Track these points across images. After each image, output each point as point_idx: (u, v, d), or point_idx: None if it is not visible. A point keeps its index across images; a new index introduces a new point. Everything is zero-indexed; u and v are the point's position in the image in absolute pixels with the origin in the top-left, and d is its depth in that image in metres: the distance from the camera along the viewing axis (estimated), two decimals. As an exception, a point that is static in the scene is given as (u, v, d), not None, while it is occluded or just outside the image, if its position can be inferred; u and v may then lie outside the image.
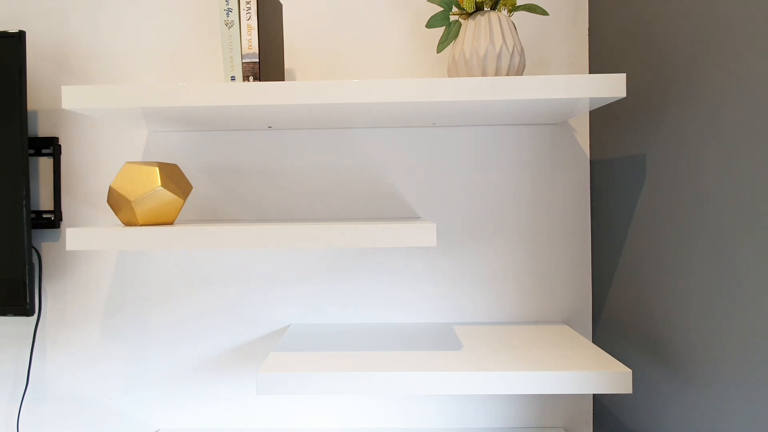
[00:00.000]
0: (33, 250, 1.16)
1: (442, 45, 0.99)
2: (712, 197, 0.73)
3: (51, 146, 1.15)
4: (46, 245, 1.17)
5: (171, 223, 0.97)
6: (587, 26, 1.14)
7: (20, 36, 1.04)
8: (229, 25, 0.96)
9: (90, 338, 1.17)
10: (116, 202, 0.93)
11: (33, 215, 1.16)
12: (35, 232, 1.17)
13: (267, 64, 0.98)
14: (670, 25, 0.83)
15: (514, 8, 0.96)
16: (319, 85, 0.87)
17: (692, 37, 0.77)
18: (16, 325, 1.18)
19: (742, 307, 0.67)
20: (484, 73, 0.92)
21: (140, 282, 1.17)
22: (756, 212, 0.64)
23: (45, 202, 1.17)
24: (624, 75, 0.85)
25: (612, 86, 0.85)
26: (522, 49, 0.94)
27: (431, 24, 0.97)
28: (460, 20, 1.00)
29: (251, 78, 0.96)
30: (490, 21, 0.91)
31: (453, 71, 0.96)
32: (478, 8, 0.94)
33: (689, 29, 0.78)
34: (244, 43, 0.96)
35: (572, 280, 1.15)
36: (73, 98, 0.89)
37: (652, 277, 0.89)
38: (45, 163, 1.17)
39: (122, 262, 1.17)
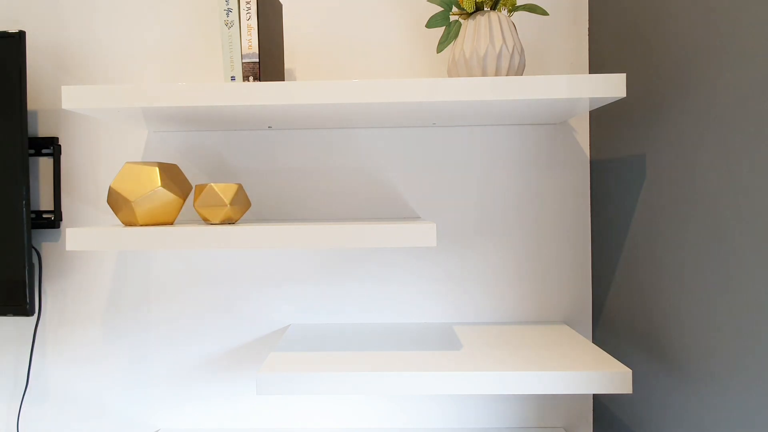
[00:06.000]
0: (33, 250, 1.16)
1: (442, 45, 0.99)
2: (711, 197, 0.73)
3: (51, 146, 1.15)
4: (46, 245, 1.17)
5: (171, 223, 0.97)
6: (587, 26, 1.14)
7: (20, 36, 1.04)
8: (229, 25, 0.96)
9: (90, 338, 1.17)
10: (116, 202, 0.93)
11: (33, 215, 1.16)
12: (35, 232, 1.17)
13: (267, 64, 0.98)
14: (670, 26, 0.83)
15: (514, 8, 0.96)
16: (319, 85, 0.87)
17: (692, 37, 0.77)
18: (16, 325, 1.18)
19: (741, 307, 0.67)
20: (484, 73, 0.92)
21: (140, 282, 1.17)
22: (755, 212, 0.64)
23: (45, 202, 1.17)
24: (624, 75, 0.85)
25: (612, 86, 0.85)
26: (522, 49, 0.94)
27: (431, 24, 0.97)
28: (460, 20, 1.00)
29: (251, 78, 0.96)
30: (490, 21, 0.92)
31: (453, 71, 0.96)
32: (478, 8, 0.94)
33: (689, 29, 0.78)
34: (244, 43, 0.96)
35: (572, 280, 1.15)
36: (73, 98, 0.89)
37: (652, 277, 0.89)
38: (45, 163, 1.17)
39: (122, 262, 1.17)
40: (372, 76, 1.15)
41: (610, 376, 0.83)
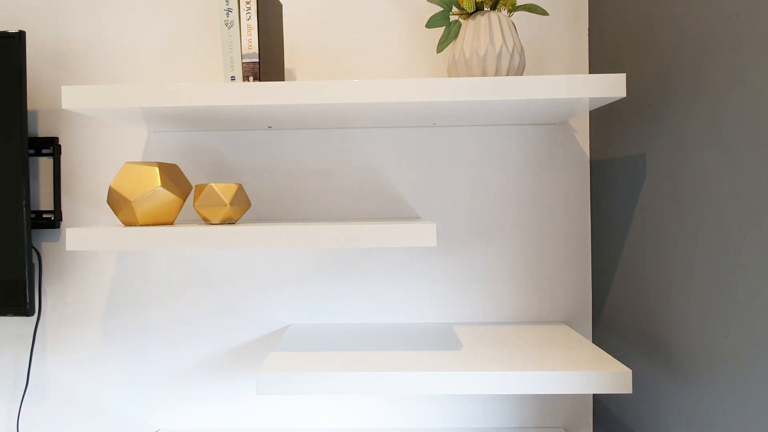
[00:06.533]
0: (33, 250, 1.16)
1: (442, 45, 0.99)
2: (711, 197, 0.73)
3: (51, 146, 1.15)
4: (46, 245, 1.17)
5: (171, 223, 0.97)
6: (587, 26, 1.14)
7: (20, 36, 1.04)
8: (229, 25, 0.96)
9: (90, 338, 1.17)
10: (116, 202, 0.93)
11: (33, 215, 1.16)
12: (35, 232, 1.17)
13: (267, 64, 0.98)
14: (671, 25, 0.83)
15: (514, 8, 0.96)
16: (319, 85, 0.87)
17: (692, 37, 0.77)
18: (16, 325, 1.18)
19: (741, 307, 0.67)
20: (484, 73, 0.92)
21: (140, 282, 1.17)
22: (755, 212, 0.64)
23: (45, 202, 1.17)
24: (624, 75, 0.85)
25: (612, 86, 0.85)
26: (522, 49, 0.94)
27: (431, 24, 0.97)
28: (460, 20, 1.00)
29: (251, 78, 0.96)
30: (490, 21, 0.92)
31: (453, 71, 0.96)
32: (478, 8, 0.94)
33: (689, 29, 0.78)
34: (244, 43, 0.95)
35: (572, 280, 1.15)
36: (73, 98, 0.89)
37: (652, 277, 0.89)
38: (45, 163, 1.17)
39: (122, 262, 1.17)
40: (372, 76, 1.15)
41: (610, 376, 0.83)
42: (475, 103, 0.88)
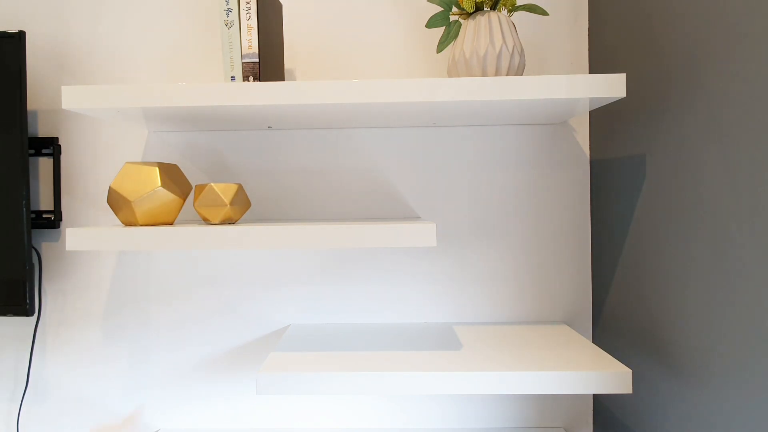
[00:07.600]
0: (33, 250, 1.16)
1: (442, 45, 0.99)
2: (712, 197, 0.73)
3: (51, 146, 1.15)
4: (46, 245, 1.17)
5: (171, 223, 0.97)
6: (587, 26, 1.14)
7: (20, 36, 1.04)
8: (229, 25, 0.96)
9: (90, 338, 1.17)
10: (116, 202, 0.93)
11: (33, 215, 1.16)
12: (35, 232, 1.17)
13: (267, 64, 0.98)
14: (671, 25, 0.83)
15: (514, 8, 0.96)
16: (319, 85, 0.87)
17: (692, 37, 0.77)
18: (16, 325, 1.18)
19: (741, 307, 0.67)
20: (484, 73, 0.92)
21: (140, 282, 1.17)
22: (755, 212, 0.64)
23: (45, 202, 1.17)
24: (624, 75, 0.85)
25: (612, 86, 0.85)
26: (522, 49, 0.94)
27: (431, 24, 0.97)
28: (460, 20, 1.00)
29: (251, 78, 0.96)
30: (490, 21, 0.92)
31: (453, 71, 0.96)
32: (478, 8, 0.94)
33: (689, 29, 0.78)
34: (244, 43, 0.96)
35: (572, 280, 1.15)
36: (73, 98, 0.89)
37: (652, 277, 0.89)
38: (45, 163, 1.17)
39: (122, 262, 1.17)
40: (372, 76, 1.15)
41: (610, 376, 0.83)
42: (475, 103, 0.88)
